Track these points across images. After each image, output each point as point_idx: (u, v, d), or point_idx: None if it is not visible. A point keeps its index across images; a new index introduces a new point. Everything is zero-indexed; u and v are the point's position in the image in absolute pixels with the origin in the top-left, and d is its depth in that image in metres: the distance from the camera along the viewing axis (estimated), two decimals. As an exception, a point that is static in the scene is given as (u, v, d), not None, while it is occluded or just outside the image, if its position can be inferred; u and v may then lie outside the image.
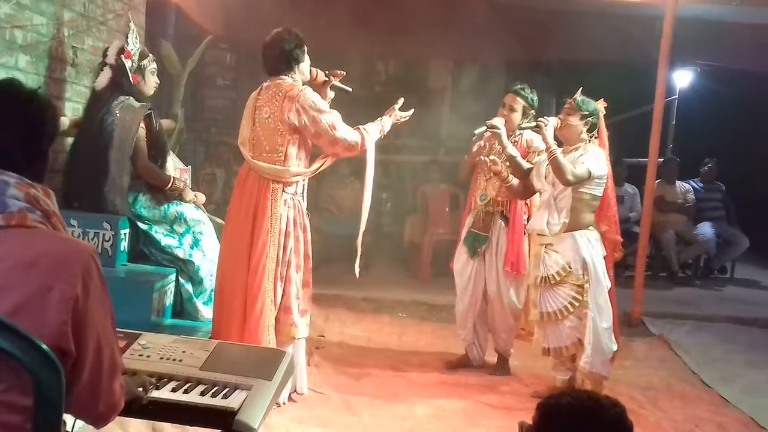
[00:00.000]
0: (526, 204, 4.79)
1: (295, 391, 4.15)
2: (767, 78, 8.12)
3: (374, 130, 4.13)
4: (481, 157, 4.66)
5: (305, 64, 4.09)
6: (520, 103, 4.74)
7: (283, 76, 4.01)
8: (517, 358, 5.04)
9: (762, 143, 9.89)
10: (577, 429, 1.63)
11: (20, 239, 1.52)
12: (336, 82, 4.23)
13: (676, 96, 9.31)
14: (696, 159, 9.13)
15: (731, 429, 4.17)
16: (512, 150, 4.56)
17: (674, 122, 9.44)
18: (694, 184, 8.98)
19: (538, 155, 4.63)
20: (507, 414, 4.09)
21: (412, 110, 4.30)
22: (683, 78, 9.32)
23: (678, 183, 8.84)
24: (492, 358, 5.03)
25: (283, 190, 3.95)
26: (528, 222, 4.74)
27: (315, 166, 4.09)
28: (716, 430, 4.11)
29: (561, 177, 4.17)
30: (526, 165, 4.56)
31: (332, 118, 3.94)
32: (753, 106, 9.69)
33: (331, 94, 4.25)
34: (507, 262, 4.70)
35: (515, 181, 4.57)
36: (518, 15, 7.50)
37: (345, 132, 3.97)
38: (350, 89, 4.29)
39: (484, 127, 4.59)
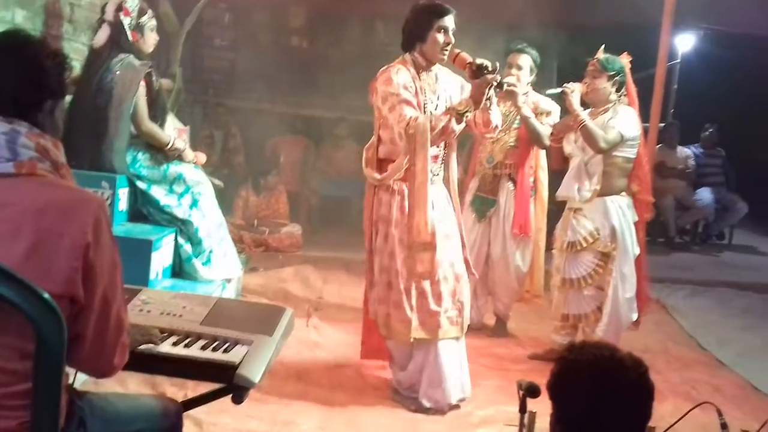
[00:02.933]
0: (531, 166, 4.76)
1: (463, 397, 3.75)
2: (771, 43, 8.07)
3: (437, 121, 3.39)
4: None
5: (429, 44, 3.52)
6: (527, 61, 4.64)
7: (406, 55, 3.63)
8: (515, 321, 5.06)
9: (764, 109, 9.82)
10: (593, 391, 1.58)
11: (31, 187, 1.54)
12: (496, 77, 3.32)
13: (679, 60, 9.21)
14: (697, 124, 9.08)
15: (727, 391, 4.20)
16: (527, 111, 4.51)
17: (676, 86, 9.35)
18: (695, 150, 8.95)
19: (546, 116, 4.59)
20: (504, 375, 4.12)
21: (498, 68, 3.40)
22: (686, 41, 9.20)
23: (679, 148, 8.80)
24: (490, 320, 5.06)
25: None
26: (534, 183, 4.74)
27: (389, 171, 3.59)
28: (712, 392, 4.14)
29: (593, 146, 4.04)
30: (539, 126, 4.52)
31: (395, 100, 3.42)
32: (757, 71, 9.59)
33: (490, 92, 3.36)
34: (515, 224, 4.68)
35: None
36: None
37: (395, 116, 3.41)
38: (511, 84, 3.53)
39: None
